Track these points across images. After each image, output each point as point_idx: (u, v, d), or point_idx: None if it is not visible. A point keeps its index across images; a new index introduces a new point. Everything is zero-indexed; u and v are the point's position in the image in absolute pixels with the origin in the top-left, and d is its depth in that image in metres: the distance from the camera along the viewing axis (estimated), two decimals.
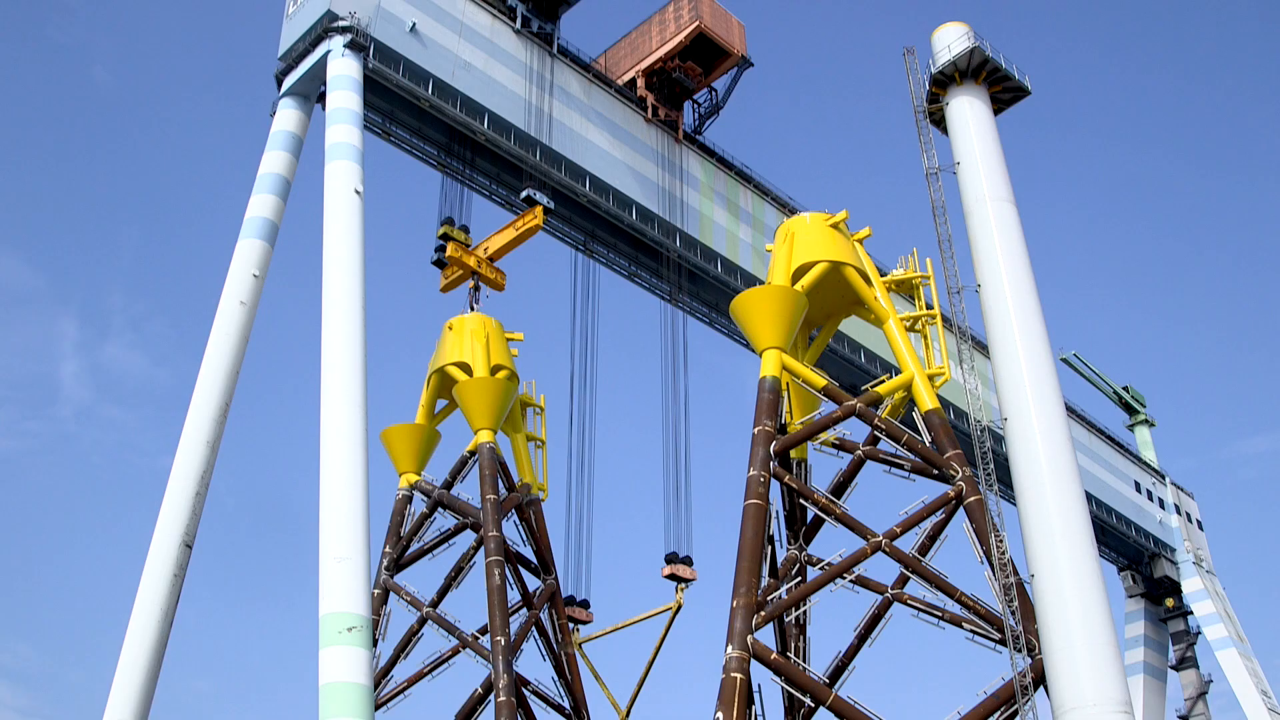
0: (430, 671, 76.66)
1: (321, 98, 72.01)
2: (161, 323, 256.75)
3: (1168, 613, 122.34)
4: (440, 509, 80.00)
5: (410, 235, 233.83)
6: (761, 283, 78.46)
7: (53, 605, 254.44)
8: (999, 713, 58.40)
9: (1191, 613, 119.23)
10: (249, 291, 68.83)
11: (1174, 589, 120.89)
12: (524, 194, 78.36)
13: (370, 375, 62.74)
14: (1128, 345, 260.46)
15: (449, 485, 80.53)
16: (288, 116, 73.47)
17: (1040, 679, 56.46)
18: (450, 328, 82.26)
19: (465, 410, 79.62)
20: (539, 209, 78.21)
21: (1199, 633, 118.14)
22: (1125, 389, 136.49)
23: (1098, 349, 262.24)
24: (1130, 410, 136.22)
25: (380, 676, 74.30)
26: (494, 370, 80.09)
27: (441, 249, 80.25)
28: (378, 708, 70.43)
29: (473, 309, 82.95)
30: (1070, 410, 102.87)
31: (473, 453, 79.10)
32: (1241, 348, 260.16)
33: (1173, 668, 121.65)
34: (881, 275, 73.84)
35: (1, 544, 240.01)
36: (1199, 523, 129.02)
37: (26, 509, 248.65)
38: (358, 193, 66.15)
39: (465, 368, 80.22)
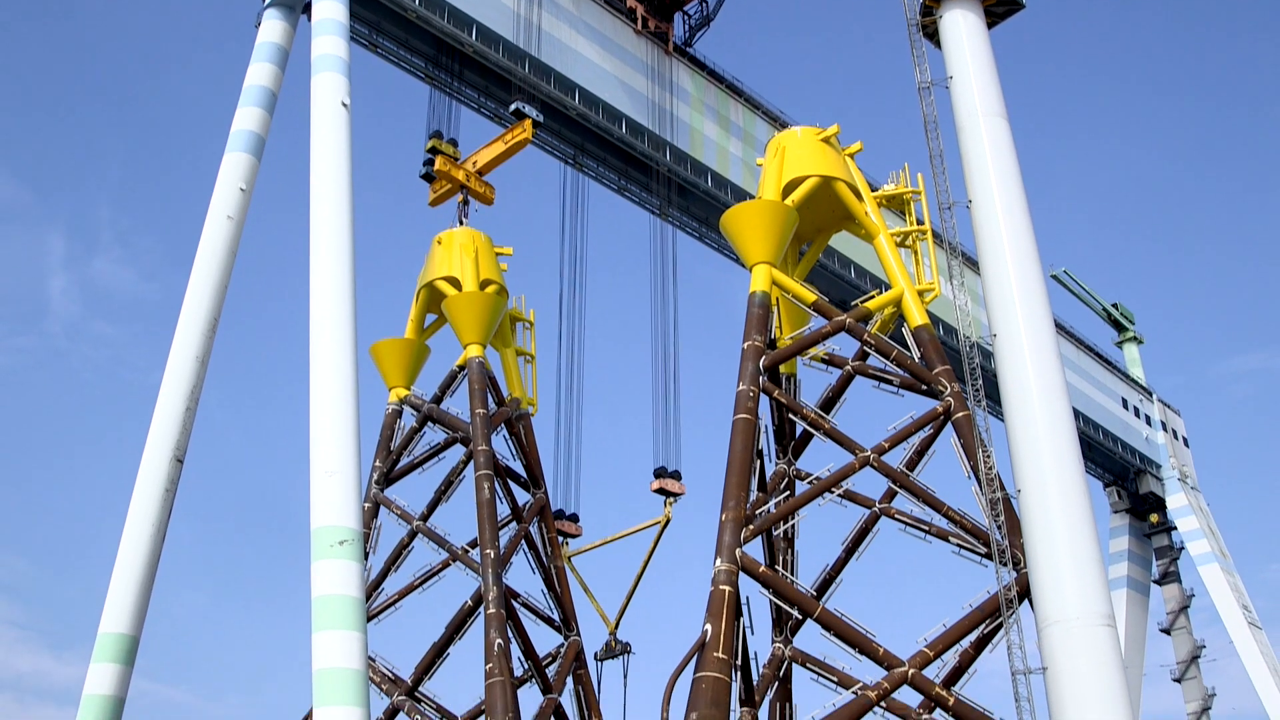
0: (421, 584, 77.29)
1: (307, 8, 70.88)
2: (150, 238, 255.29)
3: (1152, 528, 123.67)
4: (430, 423, 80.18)
5: (398, 149, 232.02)
6: (752, 197, 78.12)
7: (46, 520, 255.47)
8: (984, 625, 59.18)
9: (1175, 528, 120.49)
10: (236, 206, 68.20)
11: (1158, 505, 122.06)
12: (513, 107, 77.61)
13: (359, 290, 62.36)
14: (1117, 262, 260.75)
15: (438, 400, 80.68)
16: (273, 28, 72.29)
17: (1025, 592, 57.08)
18: (439, 242, 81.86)
19: (454, 325, 79.50)
20: (528, 122, 77.54)
21: (1182, 548, 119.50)
22: (1114, 306, 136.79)
23: (1088, 266, 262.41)
24: (1119, 327, 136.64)
25: (371, 589, 74.88)
26: (483, 285, 79.84)
27: (430, 162, 79.64)
28: (369, 620, 71.08)
29: (461, 223, 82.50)
30: (1059, 327, 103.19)
31: (462, 367, 79.11)
32: (1231, 265, 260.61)
33: (1156, 582, 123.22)
34: (872, 190, 73.53)
35: None
36: (1185, 439, 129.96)
37: (18, 424, 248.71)
38: (345, 105, 65.31)
39: (454, 282, 79.93)
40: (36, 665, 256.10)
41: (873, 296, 69.76)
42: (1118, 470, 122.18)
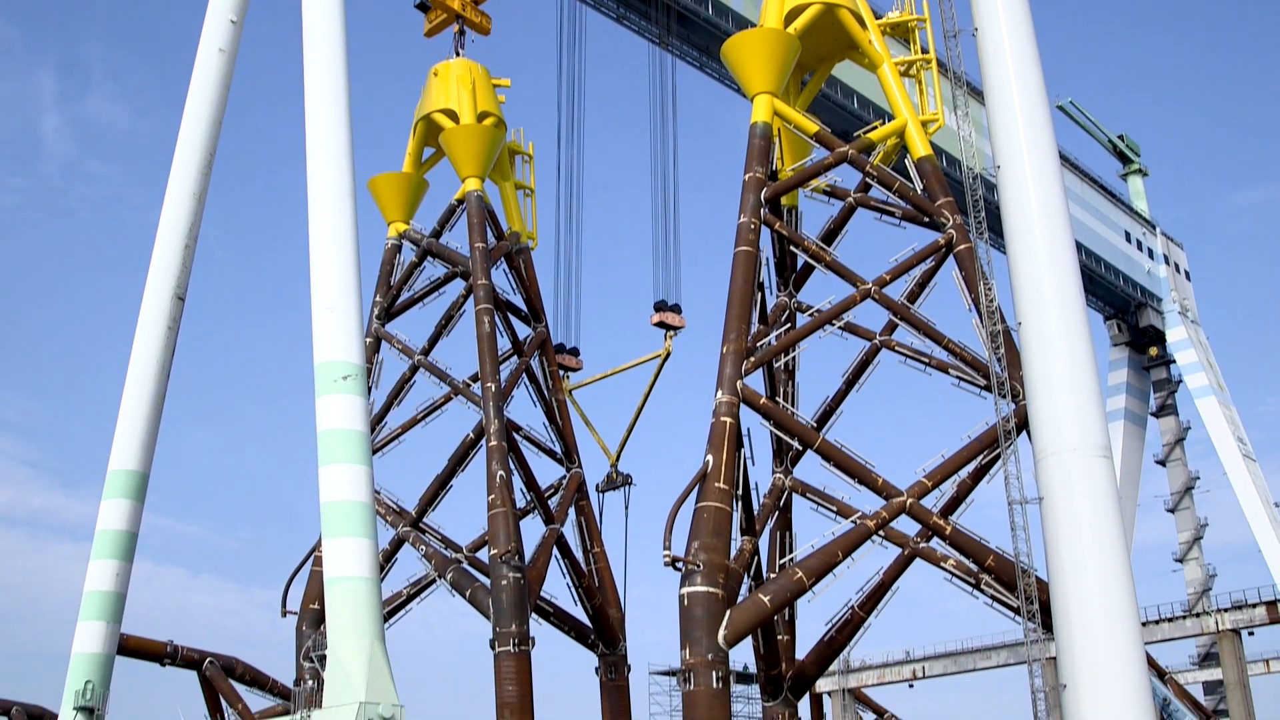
0: (423, 418, 77.94)
1: None
2: (142, 73, 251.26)
3: (1150, 361, 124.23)
4: (429, 258, 79.90)
5: None
6: (754, 26, 76.41)
7: (53, 360, 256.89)
8: (982, 456, 59.78)
9: (1174, 361, 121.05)
10: (227, 38, 66.86)
11: (1158, 338, 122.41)
12: None
13: (356, 125, 61.63)
14: (1124, 94, 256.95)
15: (437, 234, 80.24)
16: None
17: (1023, 424, 57.51)
18: (435, 74, 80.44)
19: (452, 158, 78.61)
20: None
21: (1180, 381, 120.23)
22: (1120, 138, 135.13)
23: (1094, 97, 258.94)
24: (1124, 159, 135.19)
25: (374, 423, 75.50)
26: (481, 117, 78.69)
27: None
28: (373, 453, 71.83)
29: (458, 54, 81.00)
30: (1063, 158, 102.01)
31: (461, 201, 78.48)
32: (1238, 99, 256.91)
33: (1153, 414, 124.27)
34: (877, 18, 71.88)
35: None
36: (1187, 273, 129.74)
37: (19, 266, 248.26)
38: None
39: (452, 115, 78.80)
40: (49, 503, 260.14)
41: (875, 127, 68.77)
42: (1118, 303, 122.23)
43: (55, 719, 77.10)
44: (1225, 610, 79.91)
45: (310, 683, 60.12)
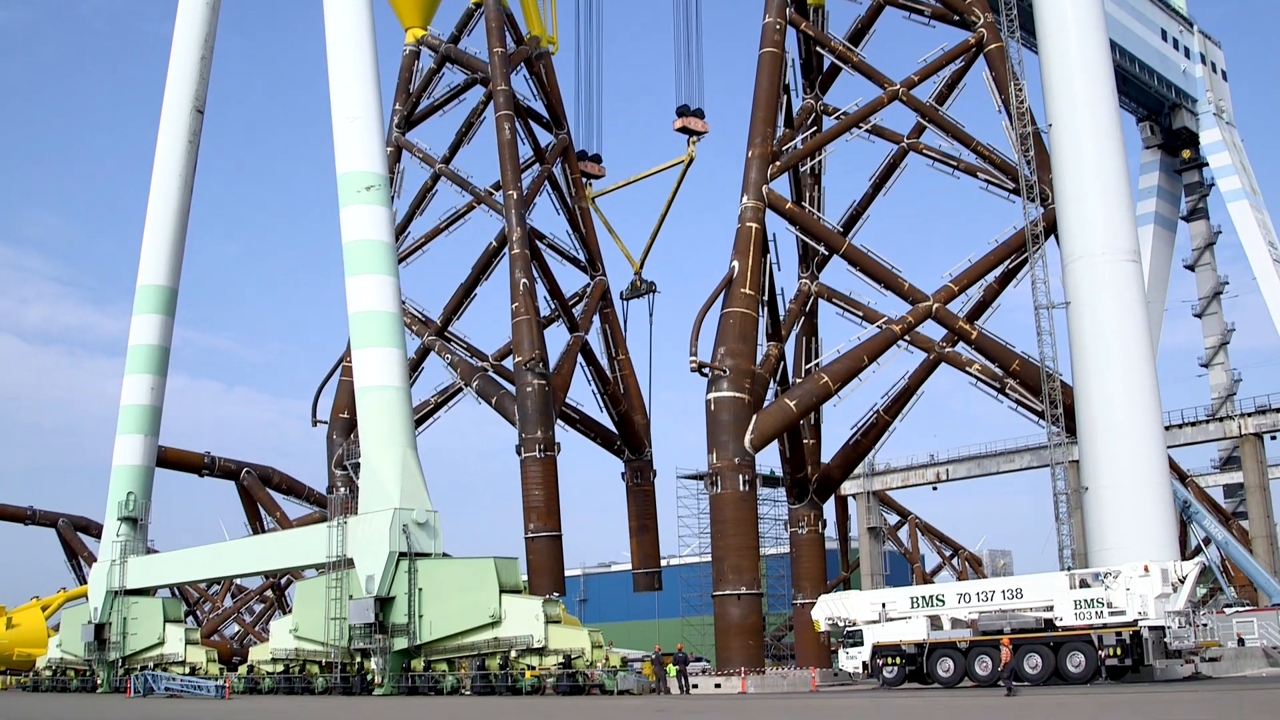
0: (446, 227, 77.64)
1: None
2: None
3: (1183, 164, 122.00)
4: (448, 64, 78.49)
5: None
6: None
7: (77, 178, 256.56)
8: (1009, 261, 59.28)
9: (1207, 164, 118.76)
10: None
11: (1191, 140, 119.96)
12: None
13: None
14: None
15: (455, 39, 78.66)
16: None
17: (1051, 228, 56.96)
18: None
19: None
20: None
21: (1213, 184, 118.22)
22: None
23: None
24: None
25: (398, 233, 75.27)
26: None
27: None
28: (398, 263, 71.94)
29: None
30: None
31: (479, 4, 76.62)
32: None
33: (1183, 219, 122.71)
34: None
35: (18, 118, 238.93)
36: (1224, 73, 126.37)
37: (38, 83, 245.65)
38: None
39: None
40: (82, 319, 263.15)
41: None
42: (1152, 104, 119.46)
43: (100, 529, 79.42)
44: (1249, 414, 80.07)
45: (343, 490, 61.33)
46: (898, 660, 46.07)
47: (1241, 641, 58.18)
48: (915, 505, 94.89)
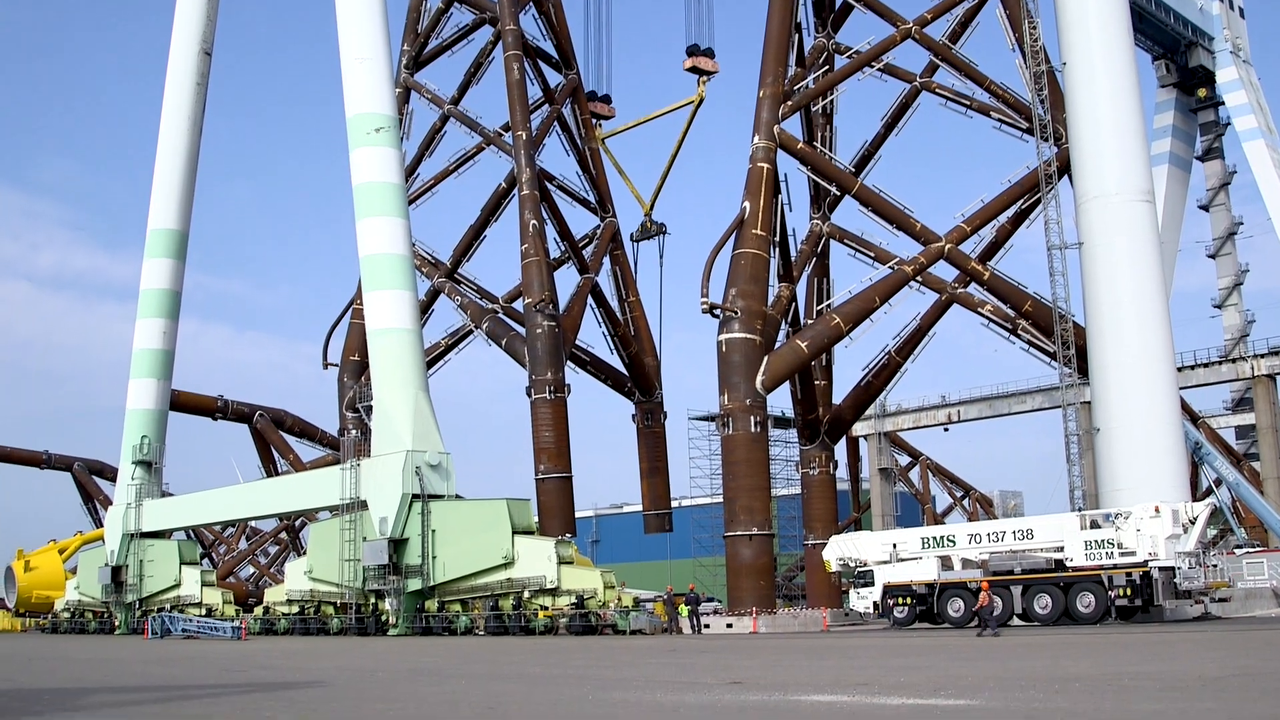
0: (455, 169, 77.23)
1: None
2: None
3: (1199, 103, 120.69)
4: (457, 4, 77.75)
5: None
6: None
7: (90, 123, 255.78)
8: (1022, 201, 58.96)
9: (1223, 103, 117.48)
10: None
11: (1207, 79, 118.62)
12: None
13: None
14: None
15: None
16: None
17: (1065, 168, 56.55)
18: None
19: None
20: None
21: (1228, 123, 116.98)
22: None
23: None
24: None
25: (407, 175, 74.97)
26: None
27: None
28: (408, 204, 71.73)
29: None
30: None
31: None
32: None
33: (1198, 158, 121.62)
34: None
35: (31, 63, 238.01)
36: (1241, 9, 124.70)
37: (45, 30, 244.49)
38: None
39: None
40: (93, 263, 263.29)
41: None
42: (1168, 42, 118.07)
43: (115, 473, 79.94)
44: (1261, 356, 79.76)
45: (355, 432, 61.53)
46: (908, 600, 46.33)
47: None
48: (926, 446, 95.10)
